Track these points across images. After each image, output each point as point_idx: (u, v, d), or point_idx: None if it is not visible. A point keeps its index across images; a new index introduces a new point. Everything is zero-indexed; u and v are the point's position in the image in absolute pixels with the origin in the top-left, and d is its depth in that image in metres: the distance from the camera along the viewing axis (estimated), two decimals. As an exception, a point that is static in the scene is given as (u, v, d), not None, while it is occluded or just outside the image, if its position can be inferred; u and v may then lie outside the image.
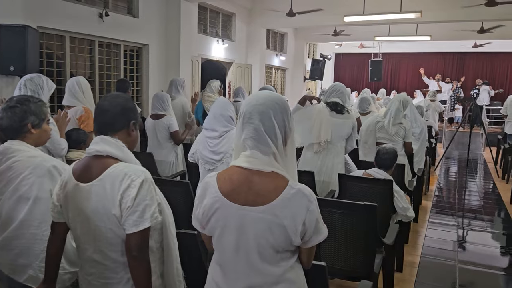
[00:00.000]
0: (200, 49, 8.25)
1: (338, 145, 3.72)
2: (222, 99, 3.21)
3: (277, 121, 1.35)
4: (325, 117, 3.71)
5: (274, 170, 1.32)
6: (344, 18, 7.58)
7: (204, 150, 3.10)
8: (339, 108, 3.69)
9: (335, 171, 3.69)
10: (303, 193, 1.30)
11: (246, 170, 1.33)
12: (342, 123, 3.69)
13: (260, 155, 1.33)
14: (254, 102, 1.36)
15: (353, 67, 16.96)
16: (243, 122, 1.37)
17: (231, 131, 3.08)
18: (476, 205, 5.75)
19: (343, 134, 3.71)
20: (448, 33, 10.53)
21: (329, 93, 3.78)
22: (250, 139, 1.34)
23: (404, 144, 4.34)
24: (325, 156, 3.70)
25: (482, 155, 10.11)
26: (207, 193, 1.38)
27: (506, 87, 14.41)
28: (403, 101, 4.27)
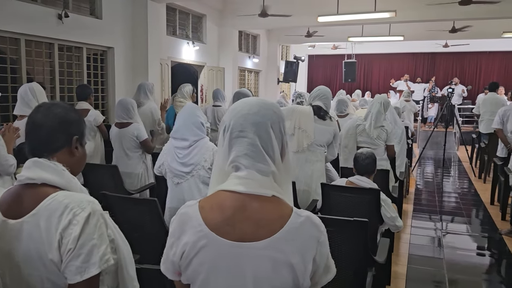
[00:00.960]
0: (170, 51, 7.90)
1: (317, 152, 3.49)
2: (190, 104, 2.92)
3: (275, 132, 1.09)
4: (309, 117, 3.47)
5: (275, 194, 1.05)
6: (318, 18, 7.40)
7: (173, 162, 2.80)
8: (322, 114, 3.47)
9: (315, 179, 3.46)
10: (312, 222, 1.04)
11: (241, 195, 1.04)
12: (323, 129, 3.47)
13: (259, 176, 1.05)
14: (245, 111, 1.09)
15: (327, 68, 16.92)
16: (231, 138, 1.09)
17: (202, 140, 2.79)
18: (457, 208, 5.64)
19: (324, 140, 3.49)
20: (420, 33, 10.55)
21: (314, 97, 3.56)
22: (244, 156, 1.06)
23: (386, 148, 4.15)
24: (303, 163, 3.46)
25: (456, 154, 10.16)
26: (187, 227, 1.07)
27: (476, 85, 14.66)
28: (384, 103, 4.08)
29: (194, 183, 2.78)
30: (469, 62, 15.34)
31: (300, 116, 3.51)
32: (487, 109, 7.36)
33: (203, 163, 2.75)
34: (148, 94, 4.75)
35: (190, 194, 2.78)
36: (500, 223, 4.94)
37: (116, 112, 4.13)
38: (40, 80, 5.42)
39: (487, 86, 9.06)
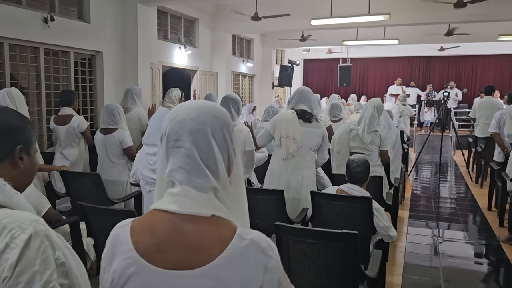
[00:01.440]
0: (161, 56, 7.76)
1: (307, 157, 3.36)
2: (161, 109, 2.80)
3: (217, 141, 0.94)
4: (294, 122, 3.35)
5: (215, 213, 0.91)
6: (311, 21, 7.29)
7: (144, 169, 2.67)
8: (307, 116, 3.34)
9: (305, 186, 3.33)
10: (258, 246, 0.90)
11: (174, 215, 0.91)
12: (310, 132, 3.35)
13: (195, 193, 0.91)
14: (182, 117, 0.94)
15: (322, 72, 16.83)
16: (167, 147, 0.95)
17: None
18: (454, 214, 5.51)
19: (312, 144, 3.36)
20: (416, 36, 10.47)
21: (296, 101, 3.43)
22: (179, 170, 0.92)
23: (380, 153, 4.02)
24: (293, 169, 3.34)
25: (453, 159, 10.05)
26: (117, 251, 0.94)
27: (471, 89, 14.59)
28: (378, 107, 3.95)
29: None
30: (465, 65, 15.28)
31: (284, 124, 3.40)
32: (483, 113, 7.27)
33: None
34: (135, 99, 4.62)
35: None
36: (497, 229, 4.81)
37: (101, 118, 4.00)
38: (25, 85, 5.27)
39: (483, 89, 8.97)
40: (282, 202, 2.88)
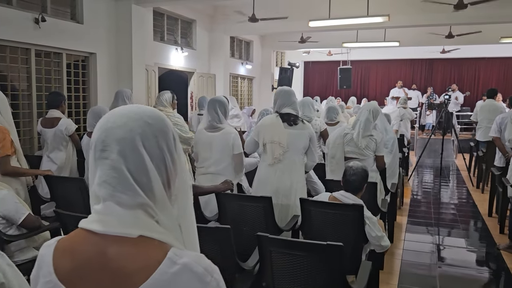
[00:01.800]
0: (157, 58, 7.67)
1: (295, 160, 3.24)
2: None
3: (149, 151, 0.83)
4: (278, 126, 3.24)
5: (144, 233, 0.79)
6: (309, 23, 7.18)
7: None
8: (292, 119, 3.23)
9: (294, 191, 3.21)
10: (192, 271, 0.78)
11: (98, 236, 0.80)
12: (297, 134, 3.23)
13: (119, 210, 0.80)
14: (109, 124, 0.83)
15: (323, 75, 16.71)
16: (94, 159, 0.84)
17: None
18: (454, 220, 5.36)
19: (300, 147, 3.24)
20: (416, 38, 10.34)
21: (279, 104, 3.32)
22: (103, 184, 0.81)
23: (375, 158, 3.89)
24: (281, 174, 3.22)
25: (454, 163, 9.90)
26: (40, 274, 0.84)
27: (474, 92, 14.42)
28: (373, 111, 3.82)
29: None
30: (467, 68, 15.11)
31: (268, 129, 3.29)
32: (485, 116, 7.13)
33: None
34: (126, 101, 4.52)
35: None
36: (498, 236, 4.67)
37: (88, 121, 3.91)
38: (16, 87, 5.19)
39: (486, 92, 8.83)
40: (270, 209, 2.76)
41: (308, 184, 3.92)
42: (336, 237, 2.69)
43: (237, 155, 3.32)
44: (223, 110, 3.37)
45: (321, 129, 4.91)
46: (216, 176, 3.33)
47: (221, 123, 3.37)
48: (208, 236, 2.11)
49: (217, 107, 3.35)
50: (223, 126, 3.38)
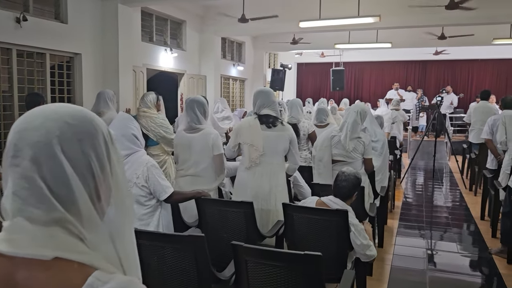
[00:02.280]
0: (145, 58, 7.54)
1: (274, 163, 3.12)
2: (122, 115, 2.59)
3: (71, 157, 0.70)
4: (255, 129, 3.13)
5: (60, 255, 0.66)
6: (299, 23, 7.08)
7: None
8: (271, 120, 3.11)
9: (274, 195, 3.09)
10: None
11: (6, 258, 0.67)
12: (275, 136, 3.11)
13: (30, 227, 0.67)
14: (23, 125, 0.70)
15: (316, 76, 16.63)
16: (5, 166, 0.70)
17: (135, 154, 2.46)
18: (446, 224, 5.26)
19: (279, 149, 3.12)
20: (409, 40, 10.28)
21: (258, 106, 3.20)
22: (11, 197, 0.68)
23: (363, 161, 3.78)
24: (260, 177, 3.10)
25: (447, 165, 9.83)
26: None
27: (468, 94, 14.40)
28: (361, 112, 3.71)
29: None
30: (461, 70, 15.09)
31: (245, 131, 3.18)
32: (478, 118, 7.08)
33: (135, 180, 2.42)
34: (108, 103, 4.39)
35: None
36: (490, 240, 4.58)
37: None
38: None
39: (479, 94, 8.77)
40: (251, 215, 2.64)
41: (295, 188, 3.81)
42: (320, 244, 2.58)
43: (217, 156, 3.21)
44: (202, 110, 3.26)
45: (309, 131, 4.80)
46: (195, 178, 3.22)
47: (201, 124, 3.26)
48: (182, 245, 1.99)
49: (195, 107, 3.24)
50: (202, 127, 3.27)
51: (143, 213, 2.48)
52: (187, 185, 3.25)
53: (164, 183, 2.49)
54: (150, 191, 2.48)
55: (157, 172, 2.50)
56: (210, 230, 2.79)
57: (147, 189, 2.47)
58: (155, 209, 2.54)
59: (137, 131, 2.54)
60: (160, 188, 2.47)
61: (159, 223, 2.54)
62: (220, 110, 7.97)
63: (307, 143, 4.86)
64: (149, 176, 2.46)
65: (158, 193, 2.48)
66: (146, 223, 2.49)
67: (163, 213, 2.58)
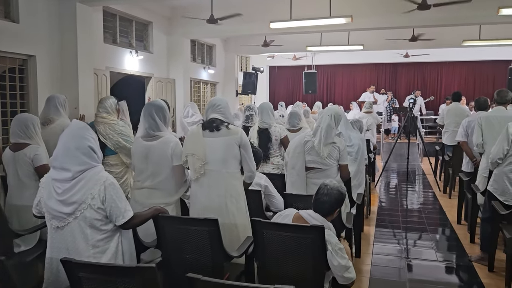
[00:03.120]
0: (109, 61, 7.12)
1: (222, 172, 2.81)
2: (76, 123, 2.23)
3: None
4: (196, 136, 2.86)
5: None
6: (270, 24, 6.85)
7: (50, 199, 2.10)
8: (215, 125, 2.82)
9: (226, 207, 2.79)
10: None
11: None
12: (220, 141, 2.81)
13: None
14: None
15: (289, 80, 16.47)
16: None
17: (91, 170, 2.12)
18: (423, 229, 5.10)
19: (227, 156, 2.82)
20: (380, 42, 10.22)
21: (206, 110, 2.94)
22: None
23: (339, 168, 3.55)
24: (208, 189, 2.80)
25: (420, 166, 9.83)
26: None
27: (437, 96, 14.57)
28: (335, 116, 3.48)
29: (78, 227, 2.09)
30: (430, 72, 15.26)
31: (188, 141, 2.90)
32: (452, 120, 7.05)
33: (90, 201, 2.07)
34: (59, 109, 4.00)
35: (73, 242, 2.09)
36: (468, 246, 4.44)
37: (12, 130, 3.37)
38: None
39: (450, 96, 8.77)
40: (216, 233, 2.34)
41: (266, 198, 3.54)
42: (294, 264, 2.32)
43: (177, 166, 2.90)
44: (161, 115, 2.95)
45: (282, 136, 4.55)
46: (152, 191, 2.90)
47: (160, 131, 2.95)
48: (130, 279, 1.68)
49: (153, 112, 2.92)
50: (161, 134, 2.95)
51: (99, 239, 2.11)
52: (143, 199, 2.93)
53: (122, 205, 2.14)
54: (106, 214, 2.12)
55: (116, 192, 2.13)
56: (171, 251, 2.48)
57: (103, 211, 2.11)
58: (113, 233, 2.17)
59: (94, 142, 2.18)
60: (117, 211, 2.12)
61: (117, 250, 2.18)
62: (190, 114, 7.64)
63: (280, 149, 4.60)
64: (106, 197, 2.09)
65: (115, 217, 2.12)
66: (102, 250, 2.12)
67: (123, 237, 2.23)
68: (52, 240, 2.15)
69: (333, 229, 2.37)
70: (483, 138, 4.44)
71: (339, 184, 2.46)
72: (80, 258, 2.03)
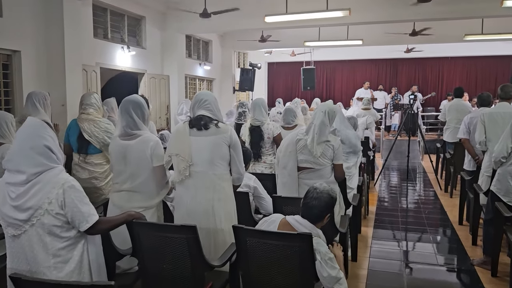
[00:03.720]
0: (99, 57, 6.91)
1: (209, 173, 2.61)
2: (31, 121, 2.01)
3: None
4: (181, 134, 2.64)
5: None
6: (265, 18, 6.63)
7: (4, 205, 1.91)
8: (203, 122, 2.61)
9: (213, 211, 2.59)
10: None
11: None
12: (207, 141, 2.61)
13: None
14: None
15: (287, 76, 16.23)
16: None
17: (48, 172, 1.90)
18: (423, 230, 4.90)
19: (214, 156, 2.61)
20: (380, 37, 9.98)
21: (192, 107, 2.72)
22: None
23: (333, 168, 3.34)
24: (195, 192, 2.60)
25: (421, 164, 9.62)
26: None
27: (438, 92, 14.34)
28: (329, 112, 3.27)
29: (36, 235, 1.88)
30: (431, 68, 15.00)
31: (173, 139, 2.70)
32: (453, 116, 6.85)
33: (46, 206, 1.87)
34: (37, 106, 3.80)
35: (32, 252, 1.89)
36: (470, 248, 4.24)
37: (-12, 129, 3.17)
38: None
39: (452, 92, 8.55)
40: (195, 241, 2.14)
41: (255, 200, 3.34)
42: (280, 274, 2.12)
43: (157, 167, 2.70)
44: (139, 112, 2.74)
45: (274, 134, 4.34)
46: (132, 194, 2.70)
47: (138, 129, 2.74)
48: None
49: (131, 109, 2.71)
50: (140, 133, 2.74)
51: (60, 248, 1.91)
52: (122, 202, 2.73)
53: (85, 209, 1.93)
54: (67, 219, 1.92)
55: (78, 196, 1.92)
56: (148, 260, 2.28)
57: (63, 217, 1.90)
58: (77, 241, 1.96)
59: (52, 141, 1.97)
60: (80, 216, 1.91)
61: (82, 259, 1.97)
62: (185, 112, 7.43)
63: (272, 147, 4.40)
64: (66, 201, 1.88)
65: (78, 222, 1.92)
66: (64, 260, 1.91)
67: (89, 245, 2.02)
68: (11, 249, 1.95)
69: (323, 237, 2.17)
70: (486, 135, 4.23)
71: (330, 187, 2.26)
72: (39, 269, 1.85)
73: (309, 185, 3.23)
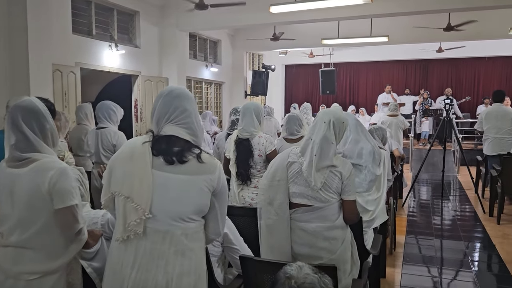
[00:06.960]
0: (80, 56, 6.02)
1: (175, 233, 1.55)
2: None
3: None
4: (138, 164, 1.57)
5: None
6: (270, 8, 5.61)
7: None
8: (177, 151, 1.58)
9: None
10: None
11: None
12: (179, 182, 1.56)
13: None
14: None
15: (307, 79, 15.10)
16: None
17: None
18: (467, 275, 3.73)
19: (186, 207, 1.56)
20: (408, 33, 8.77)
21: (157, 118, 1.64)
22: None
23: (341, 205, 2.25)
24: (145, 262, 1.53)
25: (456, 178, 8.38)
26: None
27: (474, 96, 12.92)
28: (334, 123, 2.19)
29: None
30: (466, 69, 13.56)
31: (121, 167, 1.61)
32: (493, 124, 5.81)
33: None
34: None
35: None
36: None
37: None
38: None
39: (490, 96, 7.30)
40: None
41: (226, 253, 2.28)
42: None
43: (61, 211, 1.69)
44: (34, 124, 1.73)
45: (267, 151, 3.27)
46: (20, 252, 1.70)
47: (34, 151, 1.72)
48: None
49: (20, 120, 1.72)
50: (36, 157, 1.73)
51: None
52: (7, 263, 1.73)
53: None
54: None
55: None
56: None
57: None
58: None
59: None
60: None
61: None
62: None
63: (266, 167, 3.32)
64: None
65: None
66: None
67: None
68: None
69: None
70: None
71: (317, 277, 1.18)
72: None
73: (306, 230, 2.18)
